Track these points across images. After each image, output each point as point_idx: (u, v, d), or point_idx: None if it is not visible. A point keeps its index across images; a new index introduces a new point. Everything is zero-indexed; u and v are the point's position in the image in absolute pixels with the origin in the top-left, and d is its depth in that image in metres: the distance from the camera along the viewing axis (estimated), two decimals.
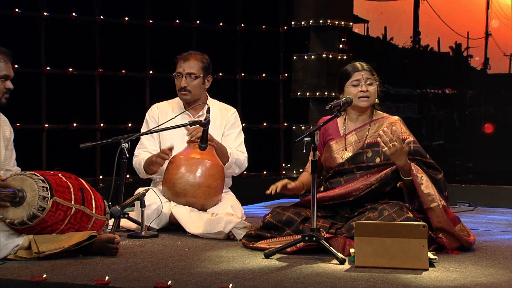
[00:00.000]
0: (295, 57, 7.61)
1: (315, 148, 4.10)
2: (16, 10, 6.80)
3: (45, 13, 6.93)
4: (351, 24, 7.62)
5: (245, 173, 5.51)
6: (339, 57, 7.49)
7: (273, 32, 7.83)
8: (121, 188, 4.71)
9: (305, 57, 7.53)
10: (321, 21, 7.45)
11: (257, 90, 7.77)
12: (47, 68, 6.97)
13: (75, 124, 7.08)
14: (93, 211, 4.12)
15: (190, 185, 5.00)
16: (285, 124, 7.87)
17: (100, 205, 4.18)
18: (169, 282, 3.40)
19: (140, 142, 5.37)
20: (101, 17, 7.16)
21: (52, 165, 4.94)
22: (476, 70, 7.61)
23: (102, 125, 7.19)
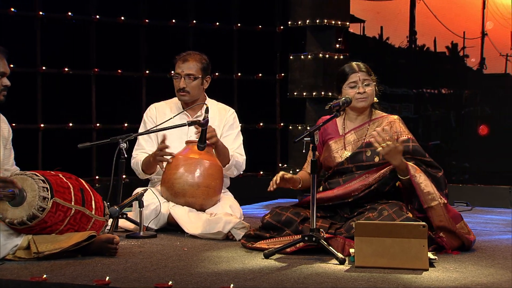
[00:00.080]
0: (291, 57, 7.60)
1: (315, 148, 4.10)
2: (12, 9, 6.77)
3: (40, 13, 6.89)
4: (347, 23, 7.61)
5: (241, 173, 5.49)
6: (336, 57, 7.48)
7: (270, 32, 7.81)
8: (119, 188, 4.69)
9: (302, 57, 7.52)
10: (318, 20, 7.44)
11: (254, 90, 7.76)
12: (43, 67, 6.94)
13: (71, 124, 7.05)
14: (93, 212, 4.10)
15: (189, 185, 4.98)
16: (282, 124, 7.85)
17: (100, 206, 4.17)
18: (170, 283, 3.38)
19: (137, 142, 5.34)
20: (97, 16, 7.13)
21: (48, 165, 4.93)
22: (472, 70, 7.62)
23: (98, 125, 7.16)
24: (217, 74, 7.32)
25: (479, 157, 7.45)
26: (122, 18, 7.24)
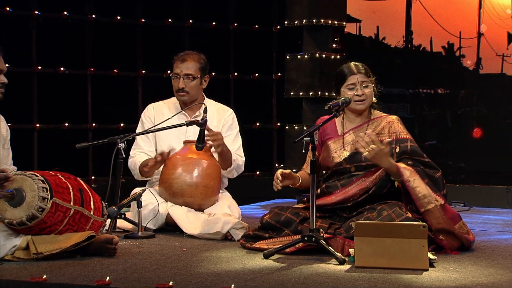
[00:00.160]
0: (288, 57, 7.59)
1: (314, 148, 4.08)
2: (7, 8, 6.74)
3: (36, 12, 6.87)
4: (344, 23, 7.61)
5: None
6: (332, 56, 7.48)
7: (266, 32, 7.81)
8: (117, 188, 4.67)
9: (298, 57, 7.51)
10: (314, 20, 7.43)
11: (250, 90, 7.75)
12: (38, 67, 6.92)
13: (66, 124, 7.03)
14: (92, 212, 4.09)
15: (187, 185, 4.96)
16: (278, 124, 7.85)
17: (99, 206, 4.16)
18: (170, 283, 3.37)
19: (135, 142, 5.31)
20: (93, 16, 7.12)
21: (44, 165, 4.89)
22: (469, 70, 7.63)
23: (94, 125, 7.14)
24: (213, 74, 7.29)
25: (475, 157, 7.45)
26: (118, 17, 7.23)
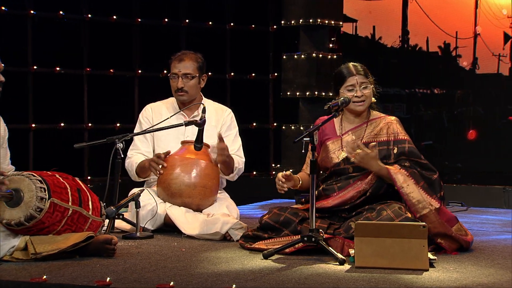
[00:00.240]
0: (284, 57, 7.58)
1: (314, 148, 4.07)
2: (3, 8, 6.72)
3: (32, 11, 6.85)
4: (341, 23, 7.60)
5: None
6: (329, 56, 7.47)
7: (263, 31, 7.80)
8: (116, 188, 4.65)
9: (295, 57, 7.51)
10: (311, 20, 7.43)
11: (247, 90, 7.74)
12: (34, 67, 6.90)
13: (62, 124, 7.00)
14: (90, 212, 4.07)
15: (186, 185, 4.94)
16: (275, 124, 7.84)
17: (97, 206, 4.14)
18: (171, 283, 3.35)
19: (133, 143, 5.28)
20: (89, 15, 7.10)
21: (39, 165, 4.88)
22: (465, 70, 7.63)
23: (90, 125, 7.12)
24: (210, 73, 7.26)
25: (471, 157, 7.46)
26: (115, 17, 7.21)
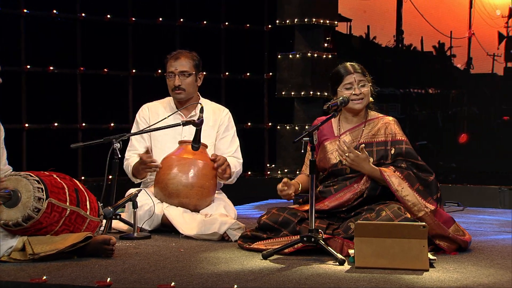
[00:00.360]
0: (279, 56, 7.57)
1: (313, 148, 4.06)
2: None
3: (25, 10, 6.81)
4: (336, 22, 7.59)
5: None
6: (324, 56, 7.46)
7: (258, 31, 7.77)
8: (113, 189, 4.62)
9: (290, 56, 7.49)
10: (306, 19, 7.42)
11: (242, 89, 7.71)
12: (27, 66, 6.85)
13: (56, 124, 6.96)
14: (88, 212, 4.05)
15: (183, 186, 4.91)
16: (270, 124, 7.82)
17: (94, 207, 4.12)
18: (172, 284, 3.33)
19: (130, 143, 5.25)
20: (83, 14, 7.06)
21: (33, 166, 4.84)
22: (459, 69, 7.63)
23: (84, 125, 7.07)
24: (204, 73, 7.26)
25: (466, 157, 7.46)
26: (109, 16, 7.17)
